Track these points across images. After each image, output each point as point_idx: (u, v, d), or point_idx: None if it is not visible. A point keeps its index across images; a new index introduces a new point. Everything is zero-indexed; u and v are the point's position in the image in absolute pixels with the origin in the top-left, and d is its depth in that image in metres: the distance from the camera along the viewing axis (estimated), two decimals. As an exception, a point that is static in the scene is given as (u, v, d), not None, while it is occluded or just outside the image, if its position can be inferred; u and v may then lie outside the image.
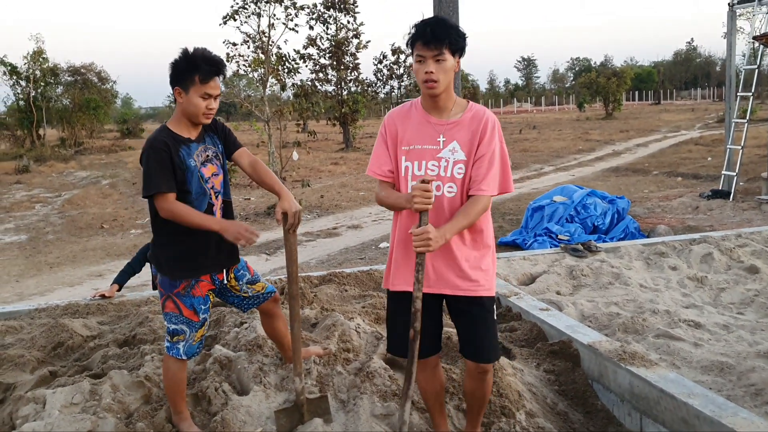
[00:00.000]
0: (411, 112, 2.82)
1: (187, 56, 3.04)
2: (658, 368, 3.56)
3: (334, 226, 14.01)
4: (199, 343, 3.20)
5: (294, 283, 3.18)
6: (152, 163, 2.96)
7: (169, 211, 2.95)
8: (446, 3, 5.84)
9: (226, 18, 15.31)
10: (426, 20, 2.68)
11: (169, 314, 3.14)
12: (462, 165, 2.71)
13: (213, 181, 3.14)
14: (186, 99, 3.02)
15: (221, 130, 3.27)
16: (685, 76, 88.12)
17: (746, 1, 15.09)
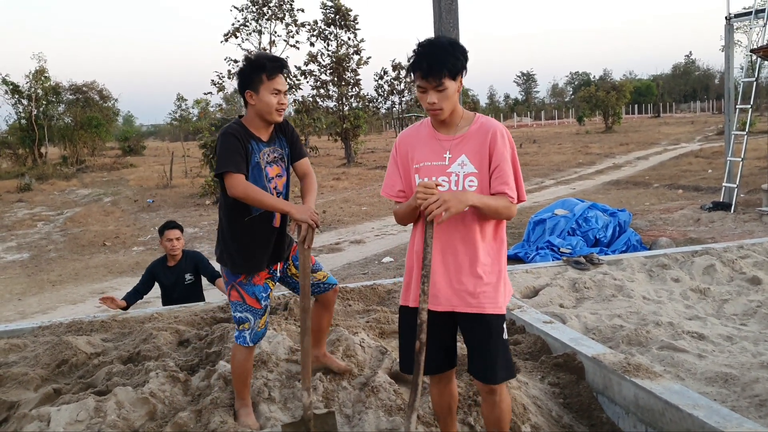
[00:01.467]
0: (421, 130, 2.86)
1: (250, 60, 3.25)
2: (662, 380, 3.56)
3: (336, 242, 14.02)
4: (264, 330, 3.36)
5: (306, 297, 3.23)
6: (225, 147, 3.14)
7: (241, 190, 3.09)
8: (446, 19, 5.88)
9: (227, 35, 15.48)
10: (422, 51, 2.64)
11: (234, 303, 3.33)
12: (473, 177, 2.72)
13: (276, 182, 3.29)
14: (257, 99, 3.18)
15: (290, 134, 3.43)
16: (684, 89, 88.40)
17: (743, 14, 15.20)
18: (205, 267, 5.84)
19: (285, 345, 3.90)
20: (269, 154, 3.27)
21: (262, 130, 3.26)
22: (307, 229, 3.14)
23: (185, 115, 36.46)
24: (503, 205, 2.70)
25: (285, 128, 3.39)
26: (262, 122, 3.24)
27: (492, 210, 2.69)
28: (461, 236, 2.75)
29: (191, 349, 4.30)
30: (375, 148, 43.56)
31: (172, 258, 5.81)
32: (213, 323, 4.79)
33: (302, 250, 3.18)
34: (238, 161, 3.11)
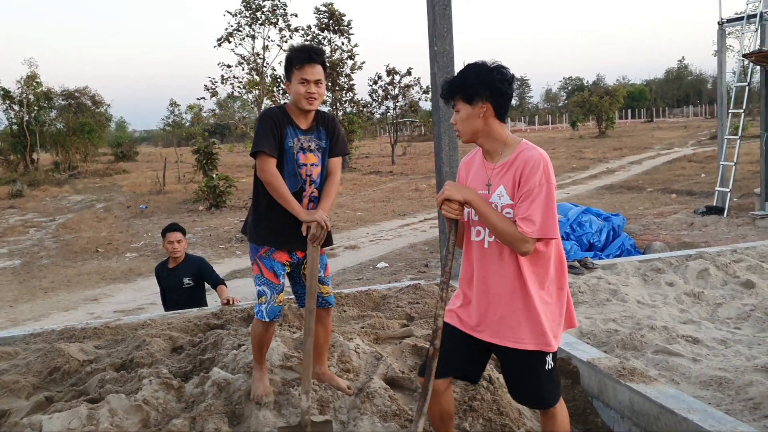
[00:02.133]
0: (476, 156, 2.88)
1: (287, 53, 3.41)
2: (657, 384, 3.55)
3: (331, 247, 13.96)
4: (280, 307, 3.43)
5: (312, 296, 3.26)
6: (262, 127, 3.29)
7: (268, 174, 3.26)
8: (440, 24, 5.89)
9: (220, 40, 15.46)
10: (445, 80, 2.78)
11: (255, 277, 3.45)
12: (510, 209, 2.64)
13: (311, 170, 3.40)
14: (290, 88, 3.34)
15: (333, 129, 3.53)
16: (677, 93, 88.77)
17: (735, 20, 15.30)
18: (209, 273, 5.86)
19: (279, 351, 3.88)
20: (305, 141, 3.38)
21: (300, 117, 3.39)
22: (317, 227, 3.26)
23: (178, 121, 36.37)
24: (509, 231, 2.57)
25: (329, 122, 3.51)
26: (298, 110, 3.36)
27: (491, 225, 2.61)
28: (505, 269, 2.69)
29: (185, 355, 4.28)
30: (369, 153, 43.56)
31: (173, 260, 5.86)
32: (207, 330, 4.77)
33: (311, 251, 3.24)
34: (271, 143, 3.26)
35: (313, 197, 3.44)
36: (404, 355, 4.04)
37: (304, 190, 3.39)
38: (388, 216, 17.82)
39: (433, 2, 5.84)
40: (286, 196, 3.27)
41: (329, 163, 3.50)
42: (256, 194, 3.42)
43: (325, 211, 3.35)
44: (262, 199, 3.38)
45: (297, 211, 3.27)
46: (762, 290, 5.63)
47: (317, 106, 3.39)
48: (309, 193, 3.41)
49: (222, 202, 20.86)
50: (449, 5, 5.86)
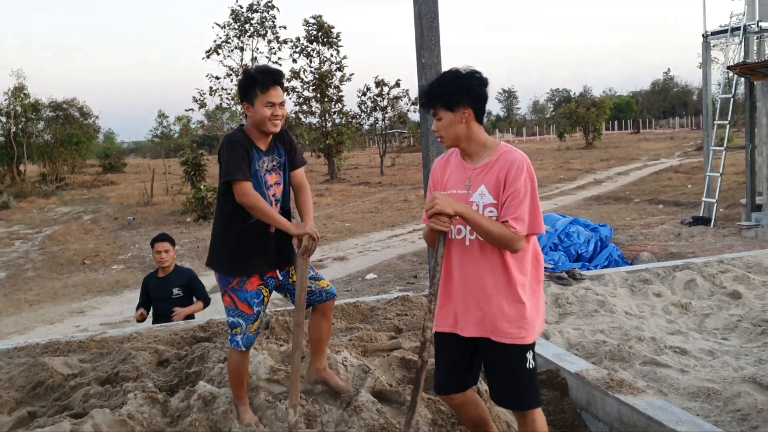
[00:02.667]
0: (452, 157, 2.93)
1: (246, 74, 3.37)
2: (645, 396, 3.55)
3: (319, 259, 13.96)
4: (255, 335, 3.41)
5: (301, 309, 3.24)
6: (231, 154, 3.24)
7: (251, 197, 3.20)
8: (428, 36, 5.91)
9: (209, 52, 15.46)
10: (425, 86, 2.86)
11: (227, 308, 3.40)
12: (492, 208, 2.72)
13: (276, 190, 3.39)
14: (253, 111, 3.30)
15: (289, 143, 3.52)
16: (663, 105, 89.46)
17: (720, 32, 15.47)
18: (199, 287, 5.86)
19: (266, 365, 3.85)
20: (268, 162, 3.37)
21: (261, 139, 3.36)
22: (309, 240, 3.24)
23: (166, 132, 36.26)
24: (500, 232, 2.65)
25: (284, 137, 3.50)
26: (259, 133, 3.34)
27: (485, 232, 2.66)
28: (494, 262, 2.75)
29: (171, 369, 4.23)
30: (358, 164, 43.58)
31: (162, 270, 5.84)
32: (193, 343, 4.72)
33: (301, 263, 3.23)
34: (244, 168, 3.23)
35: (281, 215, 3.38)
36: (392, 368, 4.01)
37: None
38: (377, 227, 17.81)
39: (421, 15, 5.86)
40: (274, 215, 3.24)
41: (295, 176, 3.50)
42: (225, 224, 3.35)
43: (312, 222, 3.35)
44: (230, 228, 3.33)
45: (286, 226, 3.25)
46: (749, 301, 5.66)
47: (280, 128, 3.37)
48: (276, 212, 3.36)
49: (210, 214, 20.76)
50: (437, 18, 5.88)
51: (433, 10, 5.89)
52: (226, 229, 3.34)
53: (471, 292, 2.79)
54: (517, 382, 2.80)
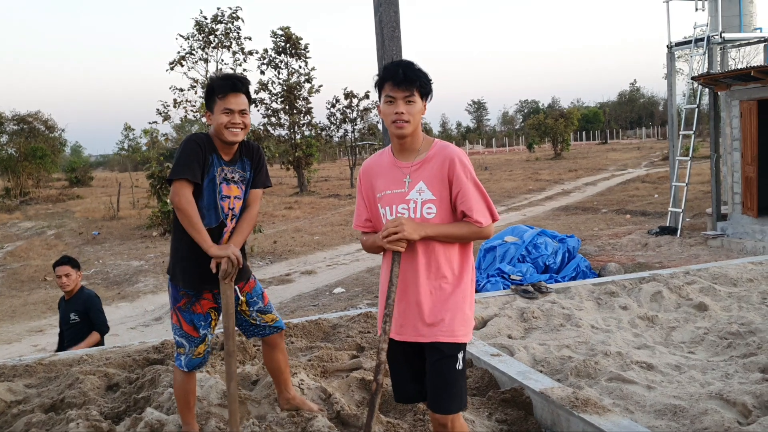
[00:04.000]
0: (382, 158, 2.85)
1: (208, 83, 3.28)
2: (611, 415, 3.46)
3: (287, 273, 13.75)
4: (201, 359, 3.28)
5: (231, 338, 3.04)
6: (184, 153, 3.09)
7: (183, 200, 3.04)
8: (389, 47, 5.81)
9: (173, 64, 15.19)
10: (397, 62, 2.71)
11: (173, 326, 3.30)
12: (431, 204, 2.68)
13: (235, 204, 3.24)
14: (212, 119, 3.19)
15: (257, 160, 3.36)
16: (629, 115, 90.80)
17: (684, 43, 15.67)
18: (95, 314, 5.58)
19: (218, 389, 3.68)
20: (229, 172, 3.23)
21: (223, 148, 3.23)
22: (227, 263, 3.06)
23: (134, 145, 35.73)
24: (468, 231, 2.68)
25: (253, 153, 3.36)
26: (220, 142, 3.20)
27: (455, 238, 2.69)
28: (426, 263, 2.71)
29: (120, 394, 4.03)
30: (329, 177, 43.39)
31: (66, 293, 5.64)
32: (146, 365, 4.52)
33: (224, 288, 3.05)
34: (194, 169, 3.07)
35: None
36: (351, 389, 3.87)
37: (225, 225, 3.19)
38: (346, 240, 17.64)
39: (382, 24, 5.77)
40: (198, 227, 3.06)
41: (249, 194, 3.33)
42: (180, 232, 3.19)
43: (238, 245, 3.16)
44: (187, 237, 3.16)
45: (207, 245, 3.07)
46: (715, 313, 5.62)
47: (241, 138, 3.21)
48: (230, 228, 3.22)
49: (177, 228, 20.41)
50: (398, 27, 5.79)
51: (394, 20, 5.81)
52: (181, 238, 3.20)
53: (410, 295, 2.72)
54: (445, 383, 2.72)
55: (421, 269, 2.71)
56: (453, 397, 2.72)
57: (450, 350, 2.71)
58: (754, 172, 12.80)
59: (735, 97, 13.22)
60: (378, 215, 2.79)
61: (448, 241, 2.69)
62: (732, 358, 4.60)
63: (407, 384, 2.82)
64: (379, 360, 2.62)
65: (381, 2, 5.79)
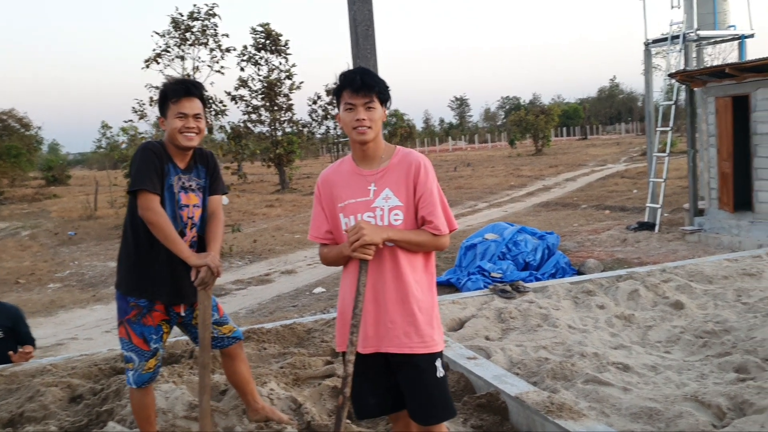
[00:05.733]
0: (342, 167, 2.77)
1: (161, 88, 3.23)
2: (586, 420, 3.41)
3: (266, 272, 13.62)
4: (151, 374, 3.17)
5: (206, 350, 2.97)
6: (143, 163, 3.02)
7: (153, 213, 2.95)
8: (363, 45, 5.72)
9: (148, 62, 14.95)
10: (354, 69, 2.68)
11: (121, 340, 3.17)
12: (398, 211, 2.64)
13: (194, 212, 3.18)
14: (166, 124, 3.13)
15: (213, 167, 3.29)
16: (609, 111, 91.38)
17: (660, 40, 15.73)
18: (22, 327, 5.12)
19: (184, 400, 3.57)
20: (186, 180, 3.15)
21: (178, 155, 3.15)
22: (207, 272, 2.98)
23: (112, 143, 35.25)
24: (428, 239, 2.64)
25: (207, 160, 3.28)
26: (175, 148, 3.13)
27: (414, 244, 2.63)
28: (391, 272, 2.64)
29: (83, 406, 3.91)
30: (311, 174, 43.17)
31: None
32: (112, 374, 4.40)
33: (202, 298, 2.96)
34: (154, 180, 3.00)
35: (194, 242, 3.17)
36: (323, 398, 3.78)
37: (185, 235, 3.12)
38: (327, 238, 17.52)
39: (356, 22, 5.68)
40: (174, 238, 2.98)
41: (211, 201, 3.26)
42: (134, 239, 3.11)
43: (217, 253, 3.09)
44: (141, 245, 3.08)
45: (186, 254, 3.00)
46: (691, 311, 5.61)
47: (196, 143, 3.14)
48: (190, 238, 3.15)
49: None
50: (372, 25, 5.71)
51: (368, 18, 5.72)
52: (137, 244, 3.10)
53: (379, 304, 2.65)
54: (428, 393, 2.66)
55: (388, 278, 2.64)
56: (441, 407, 2.68)
57: (428, 360, 2.66)
58: (729, 168, 12.87)
59: (711, 93, 13.28)
60: (339, 226, 2.70)
61: (408, 248, 2.63)
62: (707, 358, 4.58)
63: (368, 397, 2.74)
64: (346, 372, 2.54)
65: (354, 0, 5.69)
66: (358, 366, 2.64)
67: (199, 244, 3.21)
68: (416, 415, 2.69)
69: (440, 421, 2.69)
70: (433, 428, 2.69)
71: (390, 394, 2.75)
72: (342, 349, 2.72)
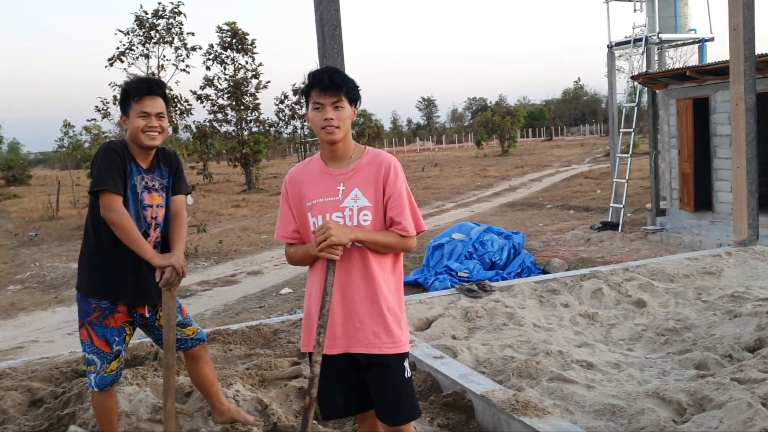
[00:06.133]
0: (310, 166, 2.75)
1: (123, 87, 3.18)
2: (551, 417, 3.45)
3: (232, 273, 13.49)
4: (113, 376, 3.13)
5: (170, 352, 2.94)
6: (105, 162, 2.99)
7: (116, 214, 2.92)
8: (330, 45, 5.70)
9: (112, 60, 14.70)
10: (323, 68, 2.66)
11: (82, 342, 3.13)
12: (368, 211, 2.63)
13: (158, 212, 3.15)
14: (128, 123, 3.10)
15: (176, 167, 3.26)
16: (574, 113, 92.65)
17: (623, 43, 16.01)
18: None
19: (148, 403, 3.53)
20: (149, 180, 3.12)
21: (141, 155, 3.11)
22: (171, 272, 2.96)
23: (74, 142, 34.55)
24: (395, 240, 2.63)
25: (170, 159, 3.25)
26: (137, 147, 3.10)
27: (382, 245, 2.62)
28: (360, 272, 2.64)
29: (43, 410, 3.83)
30: (278, 173, 42.91)
31: None
32: (74, 377, 4.32)
33: (166, 298, 2.93)
34: (116, 180, 2.96)
35: (158, 243, 3.14)
36: (289, 399, 3.76)
37: (149, 235, 3.08)
38: (294, 238, 17.44)
39: (323, 22, 5.66)
40: (138, 239, 2.95)
41: (174, 201, 3.24)
42: (96, 239, 3.07)
43: (182, 253, 3.07)
44: (103, 246, 3.04)
45: (149, 255, 2.97)
46: (653, 309, 5.71)
47: (159, 142, 3.12)
48: (154, 238, 3.11)
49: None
50: (339, 25, 5.70)
51: (335, 17, 5.71)
52: (99, 245, 3.06)
53: (348, 304, 2.64)
54: (397, 394, 2.67)
55: (357, 278, 2.64)
56: (409, 407, 2.69)
57: (397, 361, 2.67)
58: (690, 169, 13.16)
59: (672, 95, 13.56)
60: (306, 225, 2.69)
61: (375, 249, 2.63)
62: (668, 355, 4.67)
63: (335, 398, 2.73)
64: (313, 373, 2.53)
65: (321, 0, 5.68)
66: (325, 367, 2.63)
67: (163, 245, 3.18)
68: (384, 415, 2.70)
69: (408, 421, 2.70)
70: (401, 428, 2.70)
71: (357, 395, 2.75)
72: (308, 350, 2.71)
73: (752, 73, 7.32)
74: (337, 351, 2.65)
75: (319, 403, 2.77)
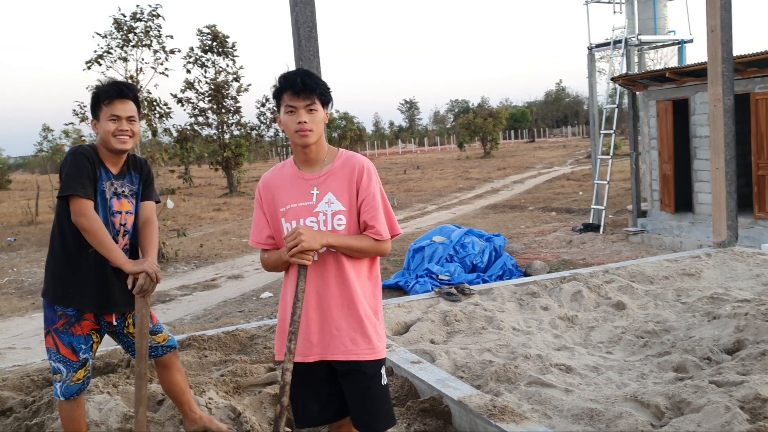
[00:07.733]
0: (284, 171, 2.71)
1: (93, 90, 3.15)
2: (528, 423, 3.42)
3: (213, 278, 13.38)
4: (80, 385, 3.07)
5: (143, 360, 2.88)
6: (74, 167, 2.94)
7: (87, 219, 2.86)
8: (306, 47, 5.65)
9: (89, 63, 14.51)
10: (295, 71, 2.61)
11: (48, 350, 3.08)
12: (341, 216, 2.59)
13: (126, 219, 3.11)
14: (99, 127, 3.05)
15: (146, 173, 3.22)
16: (556, 115, 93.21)
17: (603, 44, 16.09)
18: None
19: (118, 411, 3.45)
20: (119, 186, 3.07)
21: (111, 160, 3.07)
22: (145, 278, 2.90)
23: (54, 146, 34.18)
24: (369, 245, 2.59)
25: (141, 166, 3.21)
26: (107, 152, 3.05)
27: (355, 250, 2.57)
28: (336, 278, 2.59)
29: (12, 420, 3.73)
30: (259, 177, 42.56)
31: None
32: (45, 386, 4.22)
33: (140, 305, 2.87)
34: (86, 184, 2.91)
35: (126, 250, 3.08)
36: (264, 406, 3.70)
37: (117, 242, 3.02)
38: (276, 242, 17.34)
39: (298, 24, 5.60)
40: (109, 245, 2.90)
41: (144, 208, 3.19)
42: (61, 245, 3.01)
43: (154, 259, 3.01)
44: (69, 252, 2.98)
45: (121, 261, 2.91)
46: (632, 311, 5.71)
47: (130, 147, 3.07)
48: (122, 245, 3.06)
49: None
50: (315, 27, 5.64)
51: (311, 20, 5.65)
52: (65, 250, 3.00)
53: (324, 310, 2.59)
54: (373, 402, 2.64)
55: (332, 284, 2.59)
56: (385, 415, 2.66)
57: (374, 368, 2.63)
58: (671, 170, 13.24)
59: (652, 97, 13.65)
60: (280, 230, 2.64)
61: (349, 254, 2.58)
62: (647, 358, 4.66)
63: (310, 406, 2.68)
64: (284, 381, 2.48)
65: (297, 1, 5.62)
66: (300, 374, 2.59)
67: (131, 252, 3.12)
68: (361, 423, 2.66)
69: (384, 429, 2.66)
70: None
71: (332, 402, 2.70)
72: (280, 358, 2.65)
73: (730, 74, 7.36)
74: (314, 358, 2.60)
75: (293, 410, 2.72)
